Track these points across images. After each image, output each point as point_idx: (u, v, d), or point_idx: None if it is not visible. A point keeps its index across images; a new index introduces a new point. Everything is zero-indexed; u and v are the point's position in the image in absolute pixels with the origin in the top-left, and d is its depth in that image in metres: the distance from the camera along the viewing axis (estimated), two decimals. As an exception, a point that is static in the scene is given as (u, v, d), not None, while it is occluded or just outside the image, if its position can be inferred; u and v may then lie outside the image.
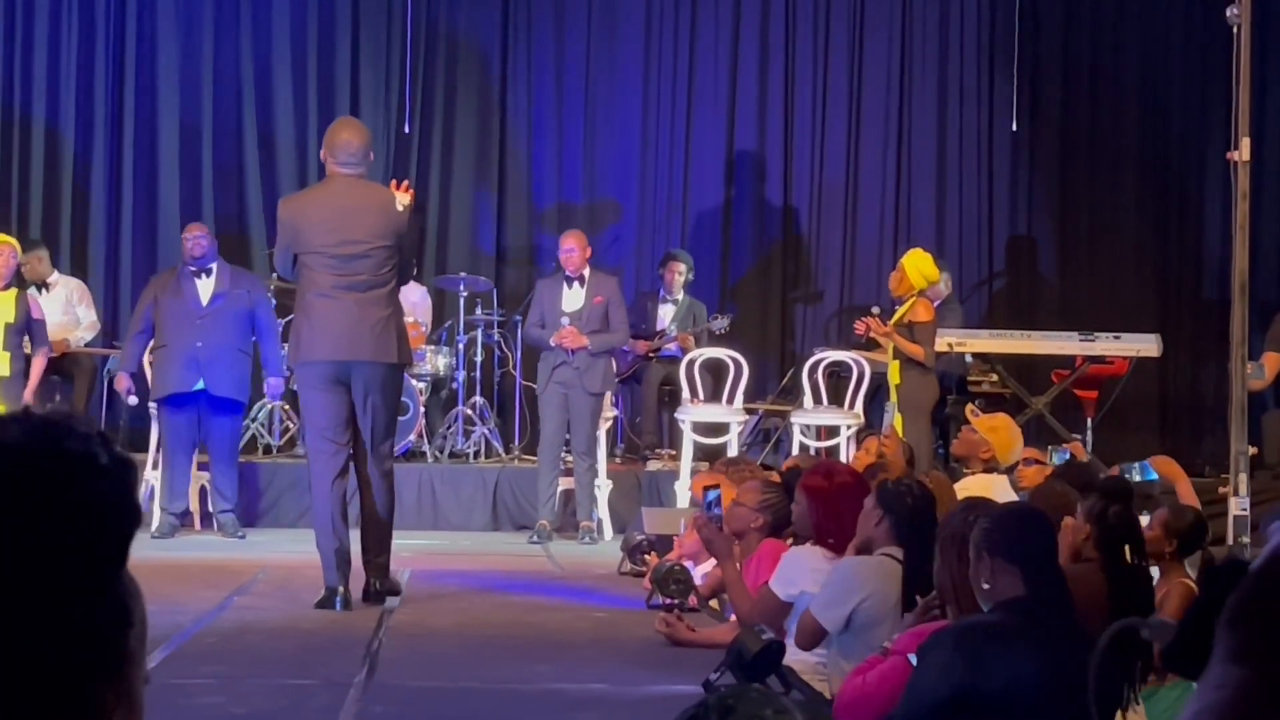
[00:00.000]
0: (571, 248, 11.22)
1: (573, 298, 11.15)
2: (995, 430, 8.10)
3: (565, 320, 11.01)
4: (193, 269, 10.91)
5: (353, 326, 7.80)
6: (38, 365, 10.94)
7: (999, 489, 7.55)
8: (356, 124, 8.65)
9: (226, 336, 10.80)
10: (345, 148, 7.96)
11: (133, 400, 11.09)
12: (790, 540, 6.44)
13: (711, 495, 6.96)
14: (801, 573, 5.95)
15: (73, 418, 1.35)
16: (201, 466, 11.12)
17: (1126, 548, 5.13)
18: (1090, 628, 4.61)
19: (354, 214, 7.88)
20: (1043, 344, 12.48)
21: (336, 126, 8.32)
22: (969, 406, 9.29)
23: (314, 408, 7.97)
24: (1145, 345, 12.29)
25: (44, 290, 12.15)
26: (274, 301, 12.16)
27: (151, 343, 10.94)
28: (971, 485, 7.68)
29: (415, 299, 12.73)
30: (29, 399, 10.74)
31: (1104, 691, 3.91)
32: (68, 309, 12.16)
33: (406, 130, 13.79)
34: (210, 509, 11.08)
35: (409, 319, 12.09)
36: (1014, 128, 14.04)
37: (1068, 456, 9.22)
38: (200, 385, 10.71)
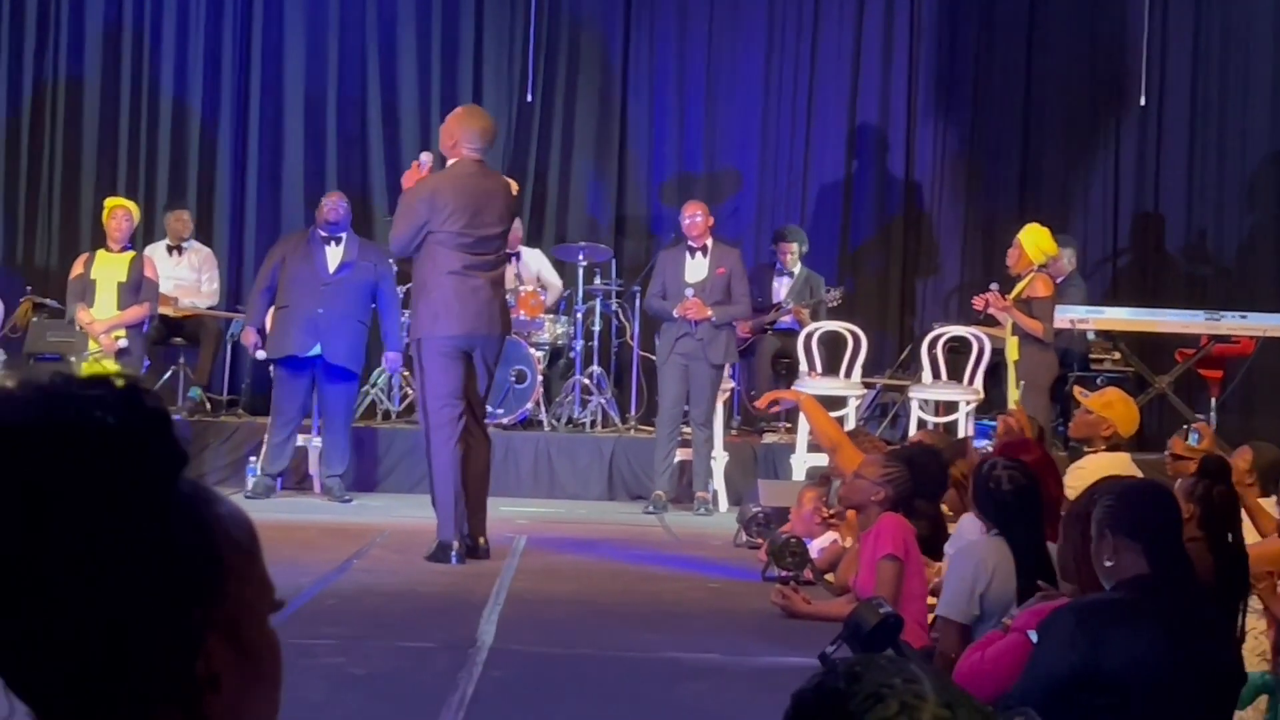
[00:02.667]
0: (695, 213, 11.21)
1: (696, 268, 11.14)
2: (1110, 405, 7.96)
3: (689, 291, 11.00)
4: (323, 234, 10.98)
5: (486, 304, 8.38)
6: (134, 311, 11.12)
7: (1123, 466, 7.44)
8: (484, 111, 9.08)
9: (348, 306, 10.87)
10: (483, 135, 8.52)
11: (260, 355, 11.19)
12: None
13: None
14: (958, 537, 5.95)
15: (70, 380, 1.31)
16: (304, 430, 11.22)
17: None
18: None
19: (486, 198, 8.43)
20: (1167, 322, 12.30)
21: (470, 113, 8.82)
22: (1077, 389, 9.18)
23: (442, 376, 8.34)
24: (1272, 325, 12.08)
25: (176, 253, 12.36)
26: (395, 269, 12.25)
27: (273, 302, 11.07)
28: (1096, 464, 7.57)
29: (541, 268, 12.83)
30: (103, 330, 10.92)
31: (1233, 672, 3.87)
32: (197, 272, 12.39)
33: (529, 99, 13.84)
34: (315, 473, 11.18)
35: (528, 288, 12.21)
36: (1142, 102, 13.83)
37: (1198, 437, 9.08)
38: (317, 350, 10.79)
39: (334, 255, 10.96)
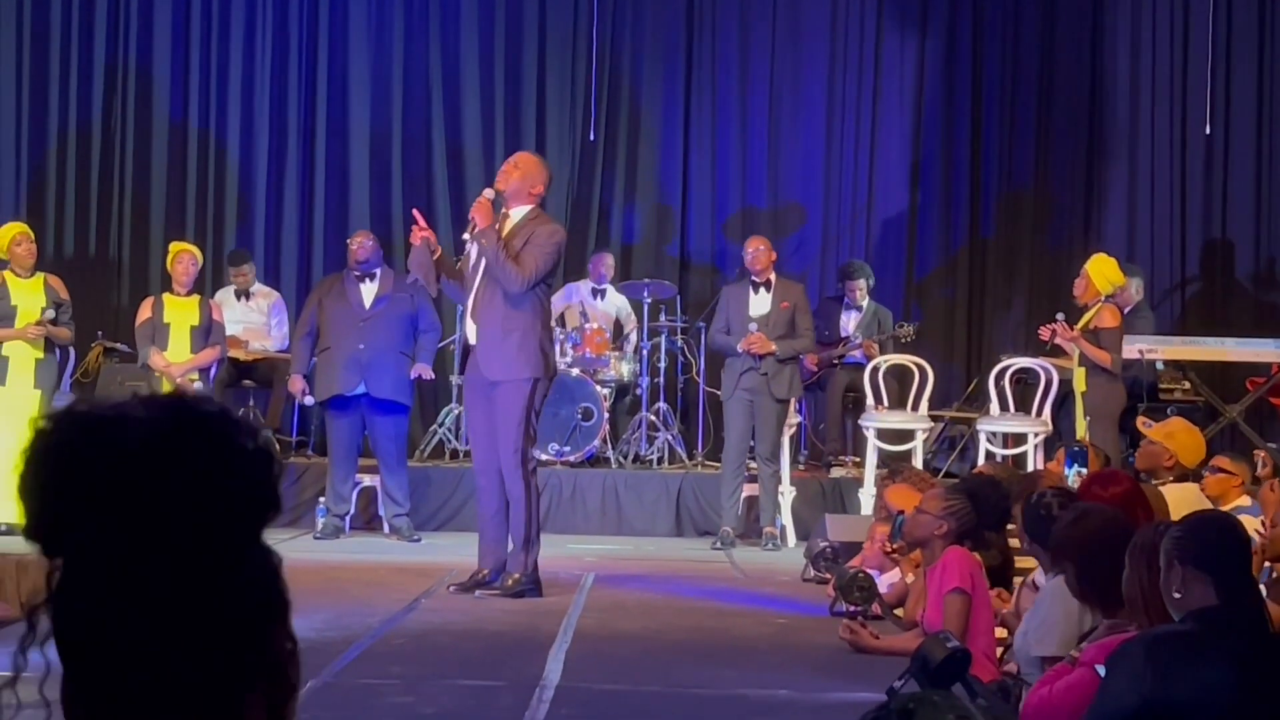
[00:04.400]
0: (758, 248, 11.21)
1: (759, 303, 11.14)
2: (1172, 435, 7.90)
3: (753, 326, 10.99)
4: (357, 274, 11.08)
5: None
6: (208, 354, 11.19)
7: (1193, 498, 7.38)
8: None
9: (389, 339, 10.93)
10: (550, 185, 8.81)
11: (308, 400, 11.26)
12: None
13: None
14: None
15: (226, 407, 1.42)
16: (371, 470, 11.26)
17: None
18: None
19: None
20: (1237, 350, 12.20)
21: (545, 162, 8.98)
22: (1140, 419, 9.11)
23: (538, 416, 8.63)
24: (1344, 352, 11.96)
25: (245, 299, 12.46)
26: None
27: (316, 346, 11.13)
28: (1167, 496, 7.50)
29: (620, 307, 12.92)
30: (179, 373, 10.97)
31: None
32: (265, 315, 12.49)
33: (592, 138, 13.89)
34: (383, 513, 11.22)
35: (593, 325, 12.25)
36: (1207, 130, 13.75)
37: (1262, 465, 9.01)
38: (361, 388, 10.87)
39: (369, 291, 11.04)
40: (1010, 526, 6.83)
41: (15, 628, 1.36)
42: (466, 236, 8.56)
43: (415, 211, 8.90)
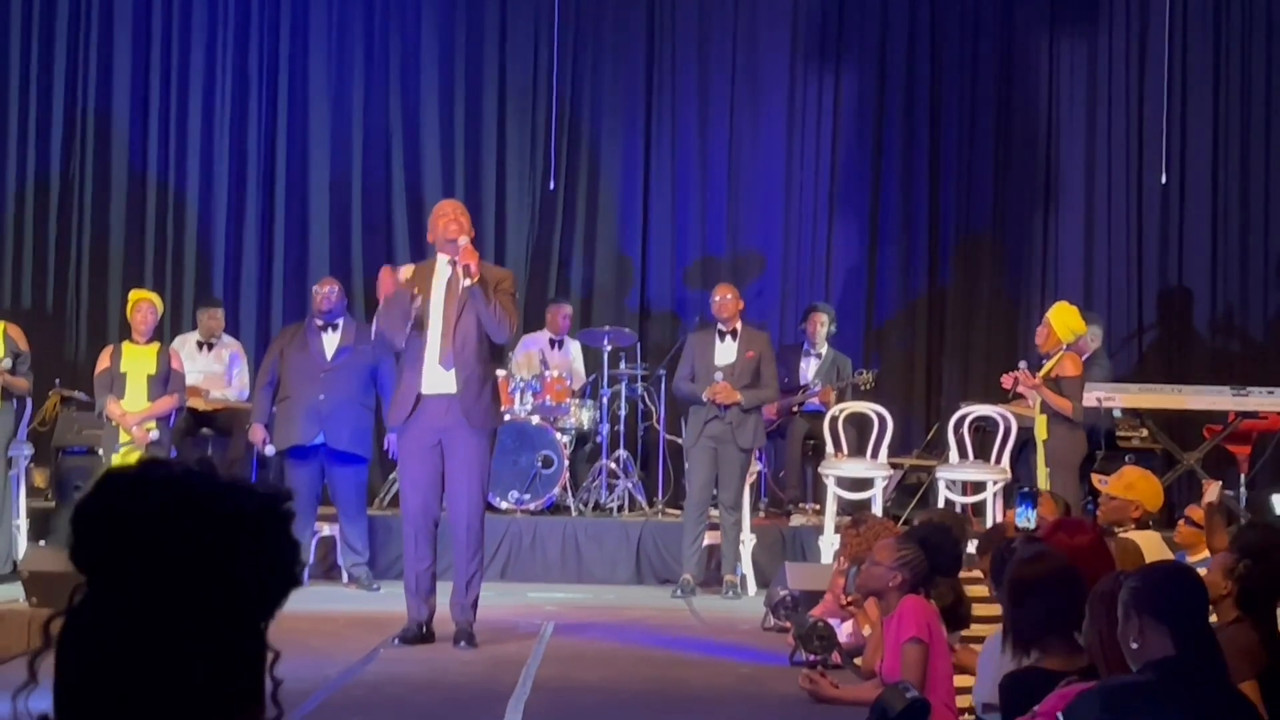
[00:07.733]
0: (726, 295, 11.18)
1: (725, 351, 11.12)
2: (1132, 486, 7.92)
3: (719, 375, 10.98)
4: (320, 323, 11.06)
5: None
6: (165, 402, 11.11)
7: (1156, 547, 7.39)
8: None
9: (349, 391, 10.90)
10: None
11: (270, 450, 11.20)
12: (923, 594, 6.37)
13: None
14: None
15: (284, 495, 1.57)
16: (330, 519, 11.21)
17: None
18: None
19: None
20: (1194, 398, 12.26)
21: None
22: (1095, 477, 9.14)
23: None
24: (1300, 400, 12.03)
25: (207, 349, 12.38)
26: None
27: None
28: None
29: (572, 356, 12.91)
30: (135, 423, 10.83)
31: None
32: (225, 365, 12.42)
33: (551, 187, 13.91)
34: (342, 562, 11.18)
35: (554, 373, 12.24)
36: (1163, 180, 13.85)
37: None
38: (320, 439, 10.84)
39: (331, 342, 11.02)
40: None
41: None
42: (468, 283, 8.33)
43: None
